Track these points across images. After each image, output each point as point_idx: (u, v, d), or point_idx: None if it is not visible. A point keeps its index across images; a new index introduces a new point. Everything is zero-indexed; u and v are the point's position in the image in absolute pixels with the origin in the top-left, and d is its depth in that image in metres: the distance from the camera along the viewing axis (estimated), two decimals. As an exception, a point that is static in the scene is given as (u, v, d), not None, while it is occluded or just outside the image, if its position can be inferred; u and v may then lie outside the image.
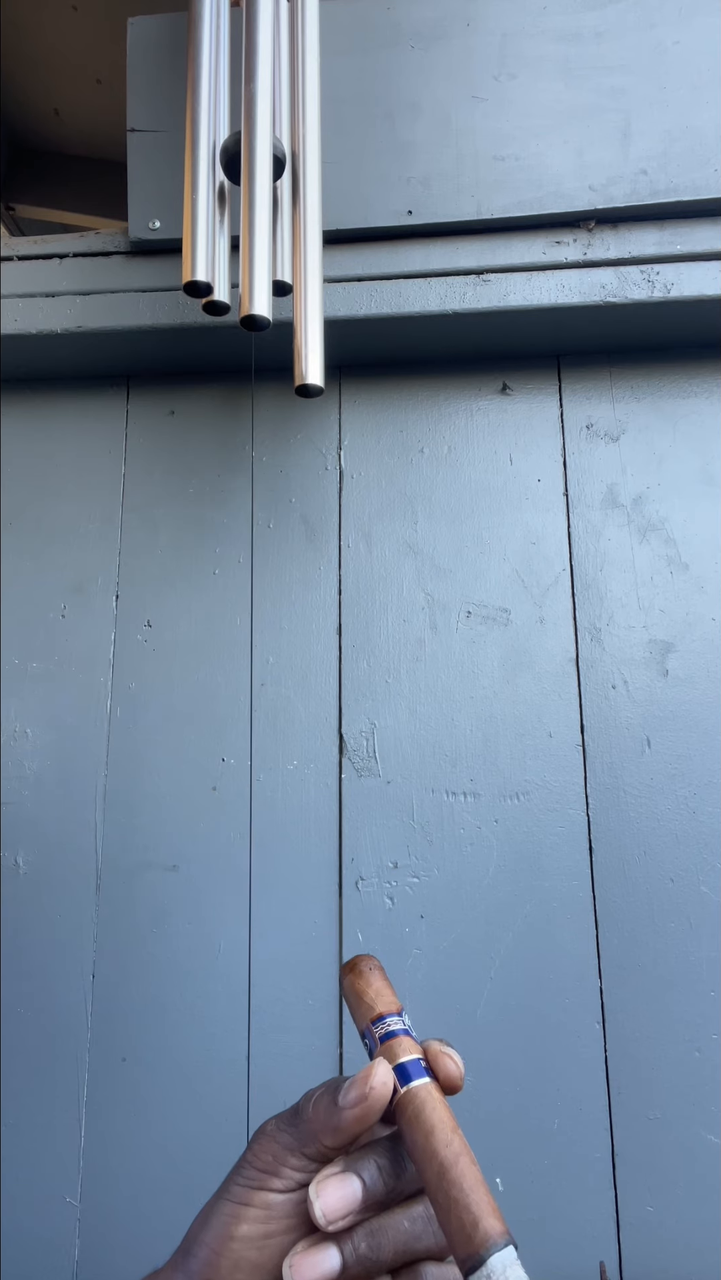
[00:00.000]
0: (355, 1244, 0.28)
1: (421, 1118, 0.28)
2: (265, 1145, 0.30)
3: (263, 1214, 0.29)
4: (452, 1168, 0.27)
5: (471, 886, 0.63)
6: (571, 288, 0.65)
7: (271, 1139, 0.30)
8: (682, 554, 0.67)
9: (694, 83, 0.66)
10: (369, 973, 0.34)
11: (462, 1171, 0.27)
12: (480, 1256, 0.25)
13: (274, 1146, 0.30)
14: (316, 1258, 0.27)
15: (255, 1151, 0.30)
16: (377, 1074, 0.29)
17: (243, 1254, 0.28)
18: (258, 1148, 0.30)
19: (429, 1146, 0.28)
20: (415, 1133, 0.28)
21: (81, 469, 0.73)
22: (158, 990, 0.63)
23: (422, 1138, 0.28)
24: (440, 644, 0.67)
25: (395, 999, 0.33)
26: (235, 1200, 0.29)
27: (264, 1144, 0.30)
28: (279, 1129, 0.30)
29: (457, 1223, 0.26)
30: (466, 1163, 0.27)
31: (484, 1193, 0.26)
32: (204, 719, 0.67)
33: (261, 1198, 0.29)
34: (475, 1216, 0.26)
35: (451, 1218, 0.26)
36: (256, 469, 0.72)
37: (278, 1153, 0.29)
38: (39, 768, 0.68)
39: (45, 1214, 0.60)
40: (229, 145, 0.57)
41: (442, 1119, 0.28)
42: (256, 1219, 0.29)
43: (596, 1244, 0.57)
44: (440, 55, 0.68)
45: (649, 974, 0.60)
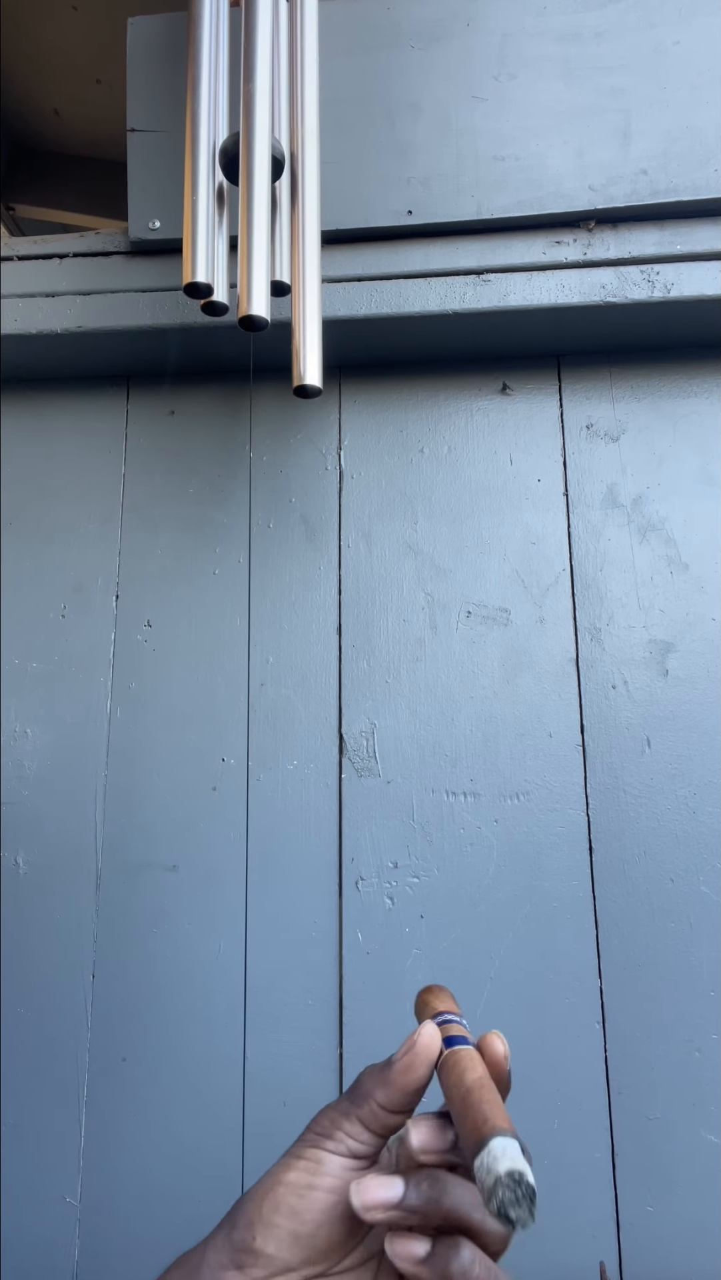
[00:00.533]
0: (419, 1183, 0.29)
1: (456, 1068, 0.30)
2: (324, 1113, 0.32)
3: (312, 1166, 0.31)
4: (473, 1092, 0.29)
5: (471, 886, 0.63)
6: (571, 288, 0.65)
7: (331, 1108, 0.32)
8: (682, 554, 0.67)
9: (694, 83, 0.66)
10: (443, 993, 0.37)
11: (481, 1093, 0.28)
12: (484, 1139, 0.26)
13: (332, 1113, 0.32)
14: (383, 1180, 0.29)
15: (316, 1120, 0.32)
16: (423, 1030, 0.31)
17: (284, 1197, 0.30)
18: (319, 1116, 0.32)
19: (457, 1082, 0.29)
20: (449, 1079, 0.30)
21: (81, 469, 0.73)
22: (158, 990, 0.63)
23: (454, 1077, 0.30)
24: (440, 644, 0.67)
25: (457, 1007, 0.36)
26: (290, 1155, 0.31)
27: (324, 1113, 0.32)
28: (338, 1101, 0.32)
29: (471, 1124, 0.27)
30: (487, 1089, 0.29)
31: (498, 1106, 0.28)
32: (204, 719, 0.67)
33: (313, 1152, 0.31)
34: (486, 1116, 0.27)
35: (467, 1122, 0.27)
36: (256, 469, 0.72)
37: (334, 1118, 0.32)
38: (39, 768, 0.68)
39: (45, 1214, 0.60)
40: (228, 145, 0.57)
41: (474, 1066, 0.30)
42: (304, 1169, 0.30)
43: (596, 1244, 0.57)
44: (440, 55, 0.68)
45: (649, 974, 0.60)
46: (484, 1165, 0.26)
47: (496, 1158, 0.25)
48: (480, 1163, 0.26)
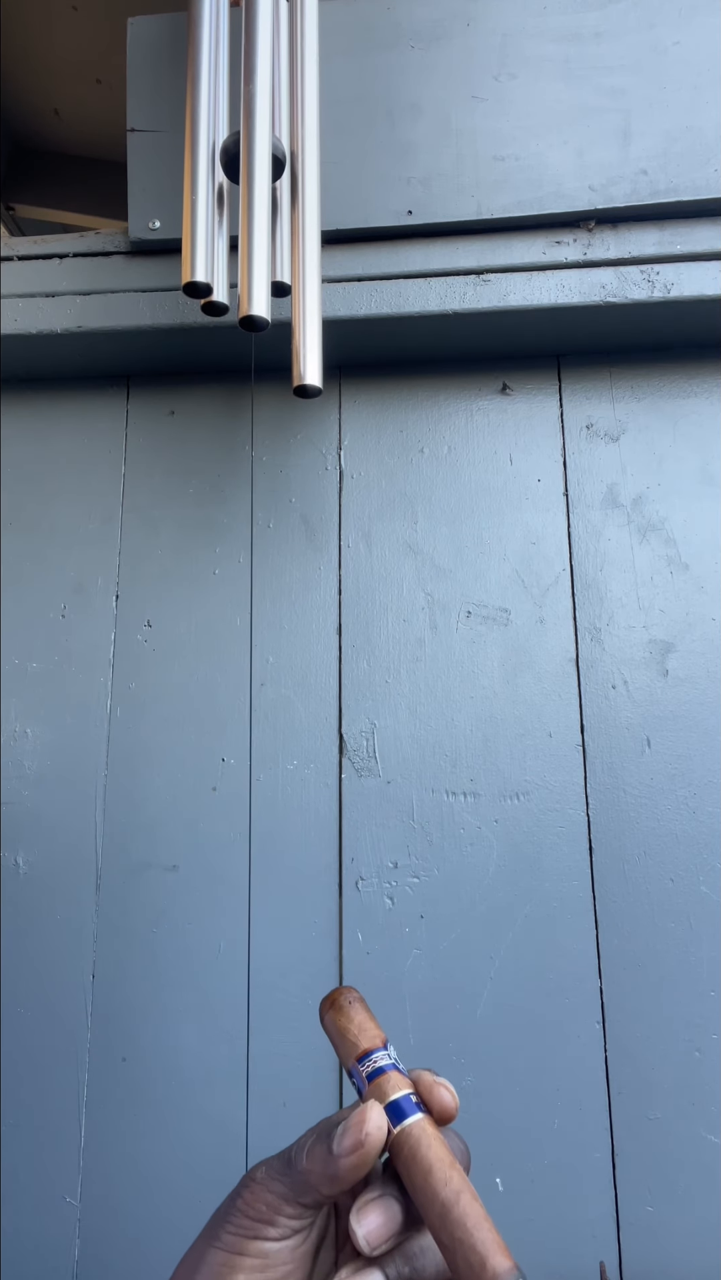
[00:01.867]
0: (398, 1267, 0.27)
1: (418, 1157, 0.28)
2: (257, 1194, 0.29)
3: (259, 1263, 0.28)
4: (454, 1207, 0.26)
5: (471, 886, 0.63)
6: (571, 288, 0.65)
7: (264, 1187, 0.29)
8: (682, 554, 0.67)
9: (694, 83, 0.66)
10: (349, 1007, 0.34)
11: (464, 1210, 0.26)
12: None
13: (267, 1196, 0.28)
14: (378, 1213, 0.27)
15: (246, 1200, 0.29)
16: (371, 1119, 0.28)
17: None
18: (249, 1195, 0.29)
19: (428, 1187, 0.27)
20: (413, 1173, 0.28)
21: (81, 469, 0.73)
22: (158, 990, 0.63)
23: (421, 1178, 0.27)
24: (440, 644, 0.67)
25: (379, 1031, 0.33)
26: (228, 1250, 0.28)
27: (256, 1192, 0.29)
28: (270, 1177, 0.29)
29: (465, 1264, 0.26)
30: (467, 1199, 0.27)
31: (488, 1229, 0.26)
32: (204, 719, 0.67)
33: (256, 1247, 0.28)
34: (481, 1256, 0.25)
35: (459, 1259, 0.26)
36: (256, 469, 0.72)
37: (271, 1202, 0.28)
38: (39, 768, 0.68)
39: (45, 1214, 0.60)
40: (228, 145, 0.57)
41: (440, 1156, 0.28)
42: (252, 1268, 0.28)
43: (596, 1244, 0.57)
44: (440, 55, 0.68)
45: (649, 974, 0.60)
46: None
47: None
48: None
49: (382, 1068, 0.31)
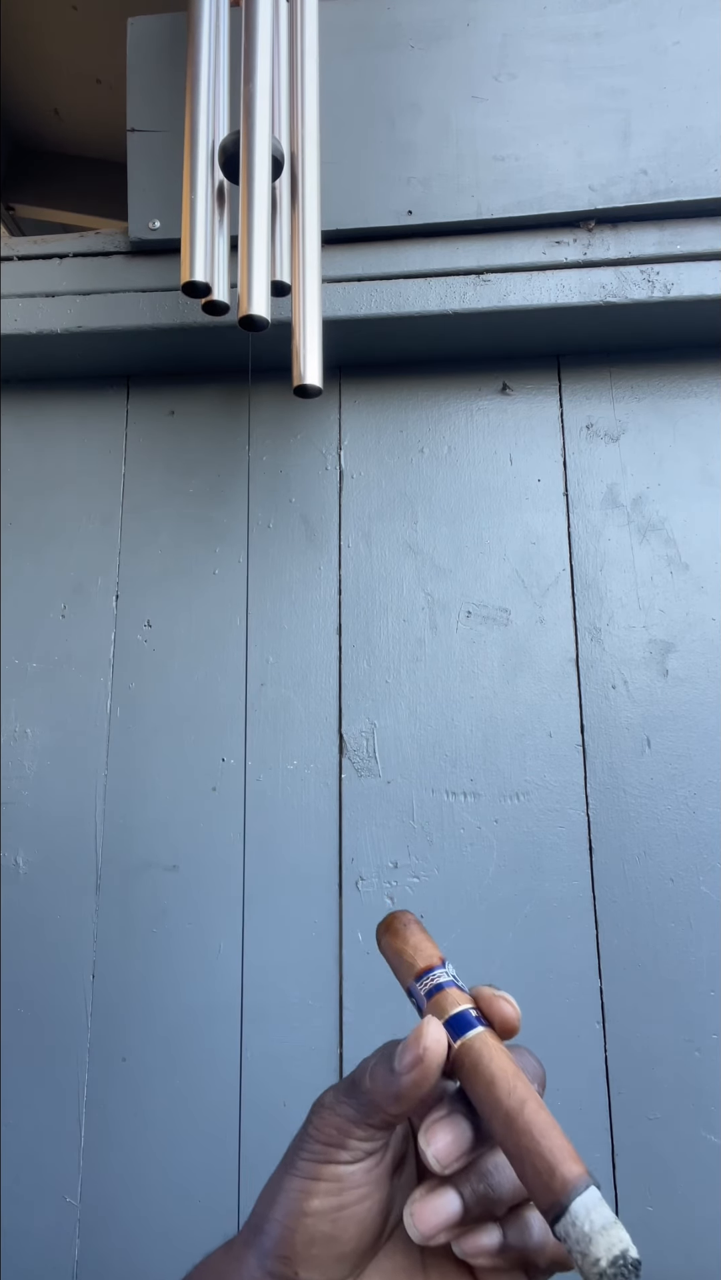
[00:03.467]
0: (474, 1185, 0.27)
1: (480, 1069, 0.27)
2: (327, 1118, 0.29)
3: (334, 1186, 0.28)
4: (519, 1116, 0.26)
5: (471, 886, 0.63)
6: (571, 288, 0.65)
7: (332, 1111, 0.29)
8: (682, 554, 0.67)
9: (694, 83, 0.66)
10: (404, 929, 0.33)
11: (530, 1119, 0.26)
12: (562, 1204, 0.24)
13: (336, 1119, 0.29)
14: (437, 1203, 0.27)
15: (317, 1125, 0.29)
16: (430, 1033, 0.28)
17: (317, 1228, 0.28)
18: (319, 1121, 0.29)
19: (492, 1098, 0.27)
20: (476, 1086, 0.27)
21: (81, 469, 0.73)
22: (158, 990, 0.63)
23: (484, 1090, 0.27)
24: (440, 644, 0.67)
25: (436, 951, 0.32)
26: (303, 1175, 0.28)
27: (325, 1117, 0.29)
28: (339, 1101, 0.29)
29: (534, 1172, 0.25)
30: (533, 1108, 0.26)
31: (556, 1136, 0.26)
32: (204, 719, 0.67)
33: (330, 1170, 0.28)
34: (550, 1163, 0.25)
35: (527, 1168, 0.25)
36: (256, 469, 0.72)
37: (341, 1125, 0.28)
38: (39, 768, 0.68)
39: (45, 1214, 0.60)
40: (228, 145, 0.57)
41: (503, 1067, 0.27)
42: (328, 1192, 0.28)
43: (596, 1244, 0.57)
44: (440, 55, 0.68)
45: (649, 974, 0.60)
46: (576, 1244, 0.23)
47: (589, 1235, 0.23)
48: (566, 1234, 0.23)
49: (441, 984, 0.30)
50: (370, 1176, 0.28)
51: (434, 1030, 0.28)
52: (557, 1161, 0.25)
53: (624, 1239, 0.23)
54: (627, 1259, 0.23)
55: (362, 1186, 0.28)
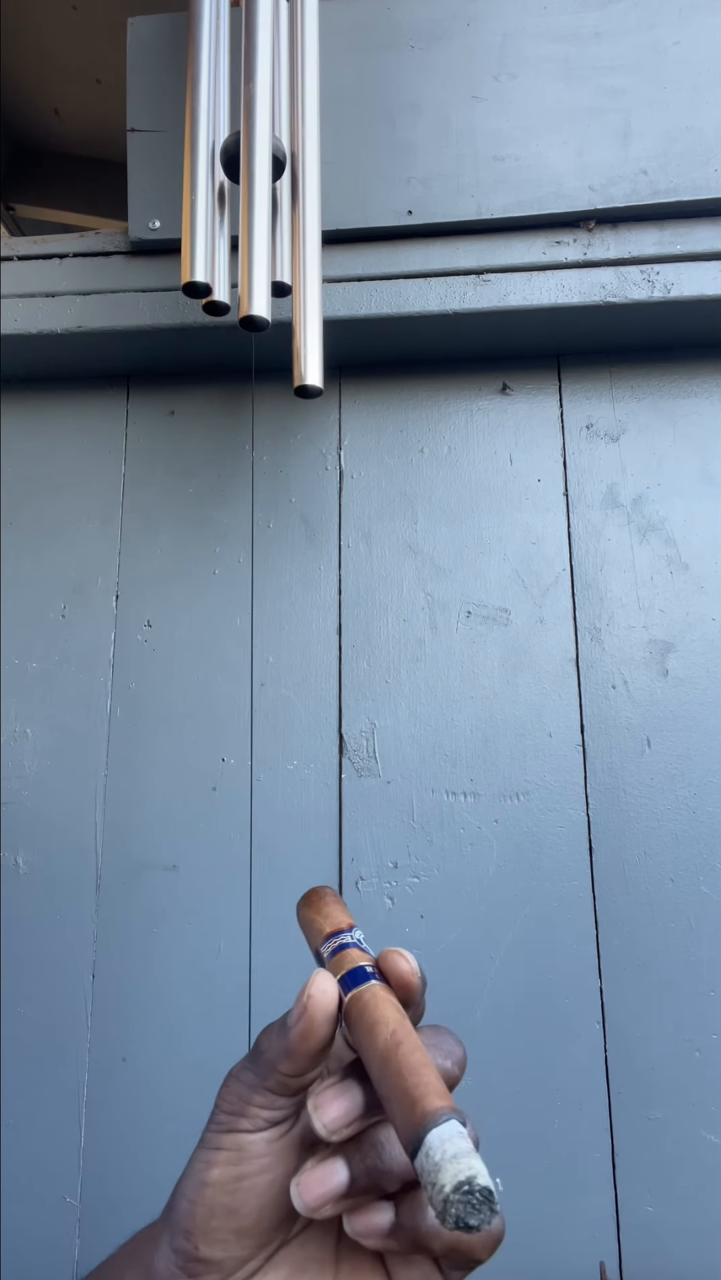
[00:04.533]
0: (364, 1157, 0.26)
1: (364, 1018, 0.27)
2: (230, 1086, 0.29)
3: (234, 1155, 0.27)
4: (392, 1057, 0.25)
5: (471, 886, 0.63)
6: (571, 288, 0.65)
7: (236, 1079, 0.29)
8: (682, 554, 0.67)
9: (694, 83, 0.66)
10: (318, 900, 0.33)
11: (402, 1059, 0.25)
12: (418, 1138, 0.23)
13: (238, 1087, 0.28)
14: (322, 1173, 0.26)
15: (222, 1095, 0.29)
16: (315, 983, 0.28)
17: (216, 1200, 0.27)
18: (224, 1090, 0.29)
19: (370, 1043, 0.26)
20: (359, 1035, 0.27)
21: (81, 469, 0.73)
22: (158, 990, 0.63)
23: (365, 1037, 0.26)
24: (440, 644, 0.67)
25: (346, 918, 0.31)
26: (207, 1146, 0.28)
27: (229, 1085, 0.29)
28: (242, 1069, 0.29)
29: (399, 1110, 0.24)
30: (407, 1049, 0.25)
31: (426, 1074, 0.24)
32: (204, 719, 0.67)
33: (231, 1139, 0.28)
34: (413, 1099, 0.24)
35: (394, 1108, 0.24)
36: (256, 469, 0.72)
37: (242, 1093, 0.28)
38: (39, 768, 0.68)
39: (45, 1214, 0.60)
40: (228, 145, 0.57)
41: (386, 1015, 0.26)
42: (228, 1161, 0.27)
43: (596, 1244, 0.57)
44: (440, 55, 0.68)
45: (649, 974, 0.60)
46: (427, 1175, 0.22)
47: (438, 1164, 0.22)
48: (420, 1167, 0.22)
49: (344, 945, 0.30)
50: (272, 1148, 0.28)
51: (320, 981, 0.28)
52: (419, 1097, 0.23)
53: (472, 1166, 0.22)
54: (474, 1186, 0.21)
55: (264, 1157, 0.28)
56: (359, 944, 0.30)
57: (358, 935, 0.30)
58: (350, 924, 0.31)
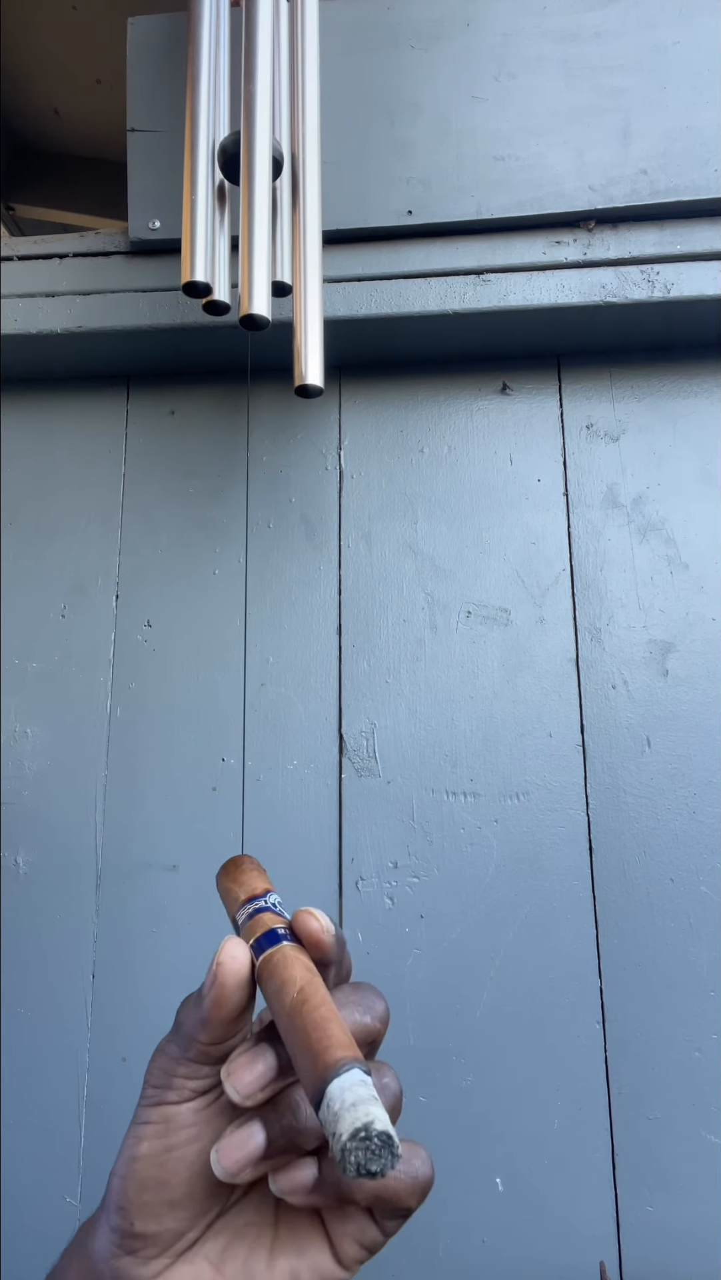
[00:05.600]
0: (281, 1118, 0.26)
1: (274, 978, 0.27)
2: (157, 1061, 0.29)
3: (161, 1128, 0.28)
4: (298, 1014, 0.25)
5: (471, 886, 0.63)
6: (571, 288, 0.65)
7: (162, 1054, 0.29)
8: (682, 554, 0.67)
9: (694, 83, 0.66)
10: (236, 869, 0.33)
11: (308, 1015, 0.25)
12: (319, 1088, 0.23)
13: (163, 1060, 0.29)
14: (239, 1137, 0.26)
15: (150, 1070, 0.29)
16: (224, 950, 0.28)
17: (147, 1173, 0.27)
18: (151, 1066, 0.29)
19: (279, 1004, 0.26)
20: (269, 996, 0.27)
21: (81, 469, 0.73)
22: (158, 990, 0.63)
23: (274, 997, 0.26)
24: (440, 644, 0.67)
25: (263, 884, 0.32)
26: (137, 1122, 0.29)
27: (156, 1060, 0.29)
28: (166, 1043, 0.30)
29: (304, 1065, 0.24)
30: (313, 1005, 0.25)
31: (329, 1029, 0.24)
32: (204, 719, 0.67)
33: (159, 1112, 0.28)
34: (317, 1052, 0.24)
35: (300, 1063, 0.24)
36: (256, 469, 0.72)
37: (166, 1065, 0.29)
38: (39, 768, 0.68)
39: (45, 1214, 0.60)
40: (228, 145, 0.57)
41: (293, 974, 0.27)
42: (155, 1135, 0.28)
43: (596, 1244, 0.57)
44: (440, 55, 0.68)
45: (649, 974, 0.60)
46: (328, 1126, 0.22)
47: (337, 1114, 0.22)
48: (323, 1119, 0.22)
49: (258, 910, 0.30)
50: (198, 1117, 0.28)
51: (230, 947, 0.29)
52: (321, 1050, 0.24)
53: (370, 1113, 0.22)
54: (371, 1132, 0.21)
55: (191, 1127, 0.28)
56: (273, 908, 0.30)
57: (273, 899, 0.31)
58: (265, 889, 0.32)
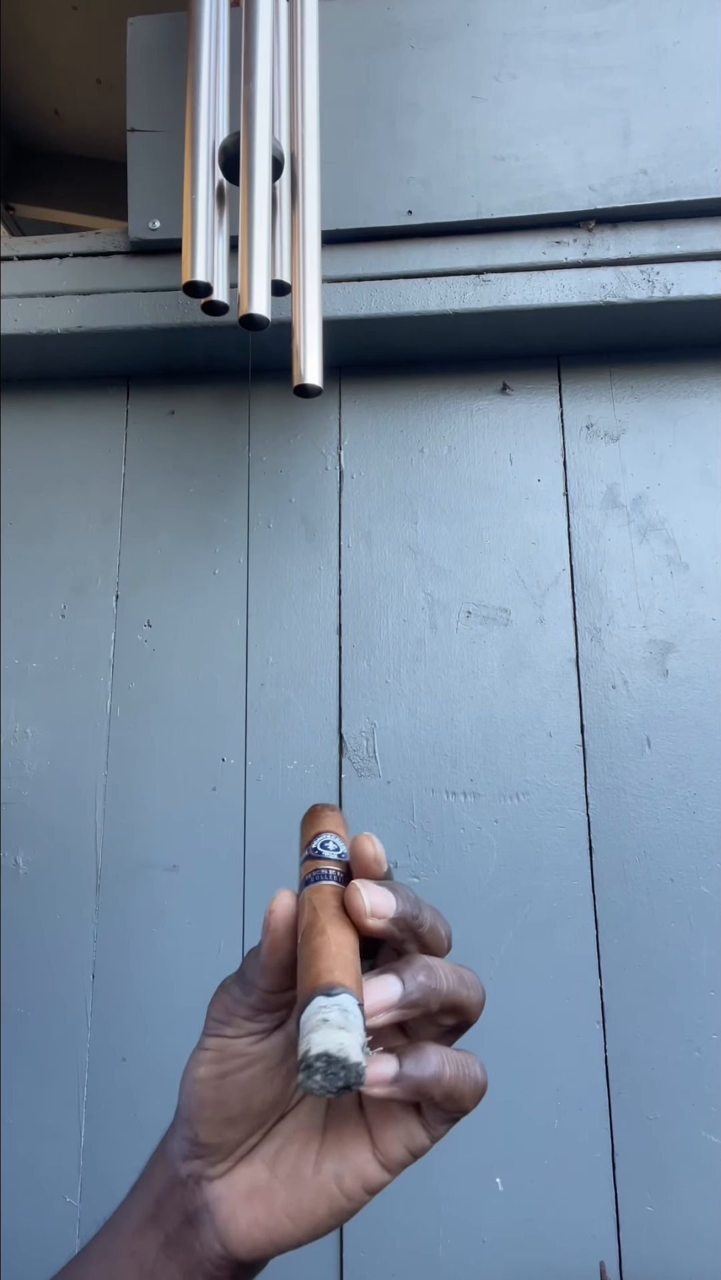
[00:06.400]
0: (414, 973, 0.28)
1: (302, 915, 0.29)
2: (219, 998, 0.32)
3: (216, 1055, 0.31)
4: (305, 944, 0.27)
5: (471, 886, 0.63)
6: (571, 288, 0.65)
7: (225, 992, 0.32)
8: (682, 554, 0.67)
9: (694, 83, 0.66)
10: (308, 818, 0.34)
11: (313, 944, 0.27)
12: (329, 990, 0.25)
13: (226, 999, 0.31)
14: (379, 982, 0.28)
15: (212, 1004, 0.32)
16: (274, 900, 0.30)
17: (204, 1094, 0.30)
18: (214, 1001, 0.32)
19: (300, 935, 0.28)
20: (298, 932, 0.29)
21: (81, 469, 0.73)
22: (158, 990, 0.63)
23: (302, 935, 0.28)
24: (440, 644, 0.67)
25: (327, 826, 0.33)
26: (199, 1048, 0.31)
27: (218, 996, 0.32)
28: (231, 983, 0.32)
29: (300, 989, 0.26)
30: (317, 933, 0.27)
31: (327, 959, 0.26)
32: (204, 719, 0.67)
33: (215, 1042, 0.31)
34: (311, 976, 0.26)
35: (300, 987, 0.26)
36: (256, 469, 0.72)
37: (229, 1004, 0.31)
38: (39, 768, 0.68)
39: (45, 1214, 0.60)
40: (228, 145, 0.57)
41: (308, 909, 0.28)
42: (212, 1060, 0.31)
43: (596, 1244, 0.57)
44: (440, 55, 0.68)
45: (649, 974, 0.60)
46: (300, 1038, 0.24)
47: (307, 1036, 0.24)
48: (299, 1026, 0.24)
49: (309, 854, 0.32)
50: (251, 1050, 0.31)
51: (278, 897, 0.31)
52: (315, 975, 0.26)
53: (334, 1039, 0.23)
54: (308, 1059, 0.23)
55: (243, 1056, 0.31)
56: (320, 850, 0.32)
57: (323, 840, 0.32)
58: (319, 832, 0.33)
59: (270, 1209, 0.30)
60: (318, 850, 0.32)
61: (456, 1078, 0.28)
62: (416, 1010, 0.28)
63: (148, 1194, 0.32)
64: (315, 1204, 0.30)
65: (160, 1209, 0.31)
